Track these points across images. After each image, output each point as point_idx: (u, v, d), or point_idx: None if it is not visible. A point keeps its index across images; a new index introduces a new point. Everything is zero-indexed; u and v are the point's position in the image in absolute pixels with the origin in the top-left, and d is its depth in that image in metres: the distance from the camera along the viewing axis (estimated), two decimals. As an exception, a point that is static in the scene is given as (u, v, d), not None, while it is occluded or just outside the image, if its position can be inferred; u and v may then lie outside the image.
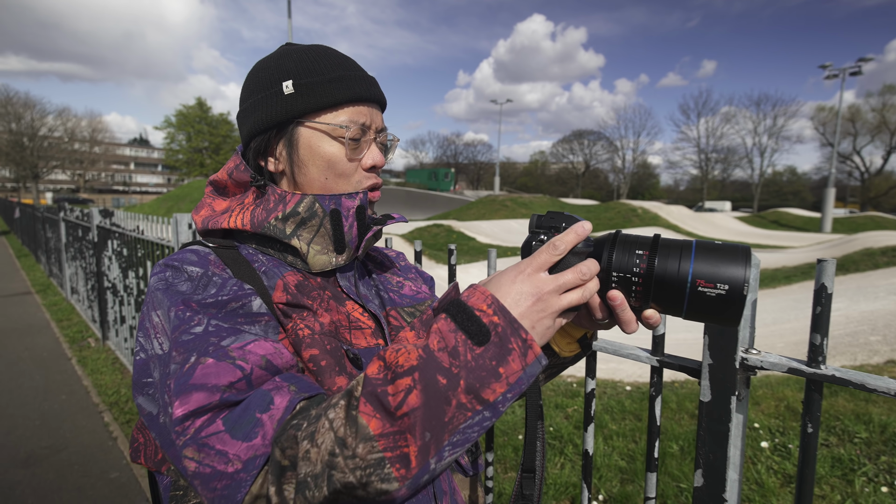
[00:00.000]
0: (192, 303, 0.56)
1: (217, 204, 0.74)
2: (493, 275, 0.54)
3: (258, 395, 0.49)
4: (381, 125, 0.74)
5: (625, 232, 0.61)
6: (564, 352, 0.73)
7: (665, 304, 0.54)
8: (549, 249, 0.52)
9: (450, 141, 78.46)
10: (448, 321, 0.49)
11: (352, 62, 0.73)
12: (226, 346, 0.52)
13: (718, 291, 0.49)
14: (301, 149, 0.69)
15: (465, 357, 0.46)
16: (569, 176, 70.12)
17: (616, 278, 0.55)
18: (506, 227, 19.31)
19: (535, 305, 0.50)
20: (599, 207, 26.74)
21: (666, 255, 0.53)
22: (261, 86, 0.70)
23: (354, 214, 0.70)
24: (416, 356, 0.47)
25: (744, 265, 0.49)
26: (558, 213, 0.64)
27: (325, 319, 0.64)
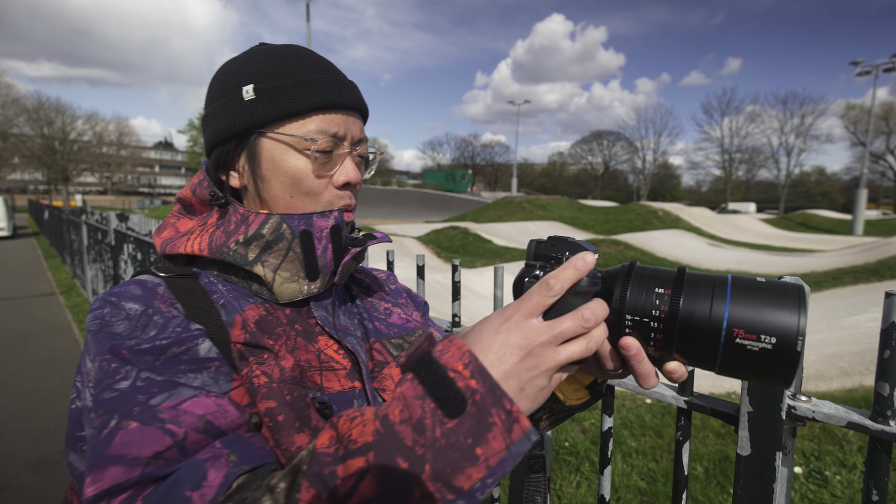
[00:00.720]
0: (123, 350, 0.47)
1: (182, 224, 0.66)
2: (477, 323, 0.44)
3: (190, 468, 0.41)
4: (358, 136, 0.64)
5: (642, 265, 0.50)
6: (570, 400, 0.62)
7: (693, 356, 0.43)
8: (541, 290, 0.42)
9: (467, 142, 78.49)
10: (415, 384, 0.39)
11: (326, 64, 0.64)
12: (155, 406, 0.43)
13: (763, 345, 0.39)
14: (264, 162, 0.60)
15: (434, 433, 0.37)
16: (588, 177, 69.35)
17: (630, 322, 0.45)
18: (522, 230, 19.10)
19: (525, 362, 0.40)
20: (619, 209, 26.27)
21: (694, 294, 0.43)
22: (222, 90, 0.61)
23: (329, 236, 0.60)
24: (373, 430, 0.38)
25: (797, 311, 0.39)
26: (561, 238, 0.53)
27: (287, 363, 0.55)
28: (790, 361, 0.39)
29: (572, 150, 72.26)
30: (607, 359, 0.48)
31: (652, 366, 0.46)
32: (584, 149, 69.63)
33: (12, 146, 41.45)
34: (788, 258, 14.33)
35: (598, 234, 19.15)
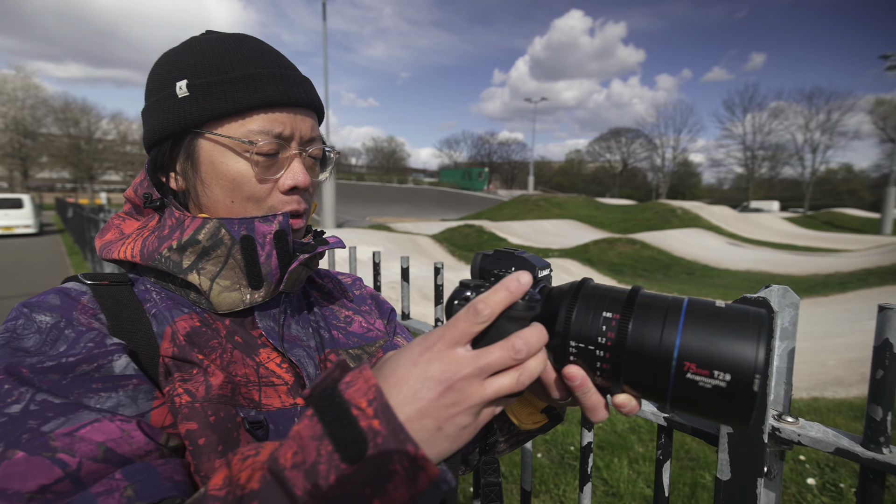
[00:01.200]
0: (23, 368, 0.43)
1: (127, 225, 0.62)
2: (397, 350, 0.39)
3: (81, 503, 0.37)
4: (308, 135, 0.60)
5: (594, 283, 0.45)
6: (525, 424, 0.57)
7: (642, 388, 0.39)
8: (468, 316, 0.37)
9: (484, 140, 78.27)
10: (313, 422, 0.34)
11: (271, 57, 0.59)
12: (47, 433, 0.40)
13: (716, 382, 0.34)
14: (202, 165, 0.56)
15: (327, 481, 0.32)
16: (605, 175, 68.44)
17: (575, 349, 0.40)
18: (538, 228, 18.91)
19: (444, 397, 0.35)
20: (637, 207, 25.85)
21: (644, 318, 0.38)
22: (157, 85, 0.57)
23: (272, 242, 0.56)
24: (260, 476, 0.33)
25: (755, 342, 0.34)
26: (507, 252, 0.49)
27: (216, 380, 0.51)
28: (746, 402, 0.34)
29: (590, 147, 71.49)
30: (552, 387, 0.43)
31: (600, 397, 0.42)
32: (603, 146, 68.78)
33: (40, 145, 42.69)
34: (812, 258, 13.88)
35: (615, 232, 18.86)
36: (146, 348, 0.51)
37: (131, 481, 0.39)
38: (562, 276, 9.55)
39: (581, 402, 0.42)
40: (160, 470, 0.42)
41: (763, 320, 0.35)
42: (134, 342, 0.51)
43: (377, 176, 56.31)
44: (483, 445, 0.61)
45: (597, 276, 10.21)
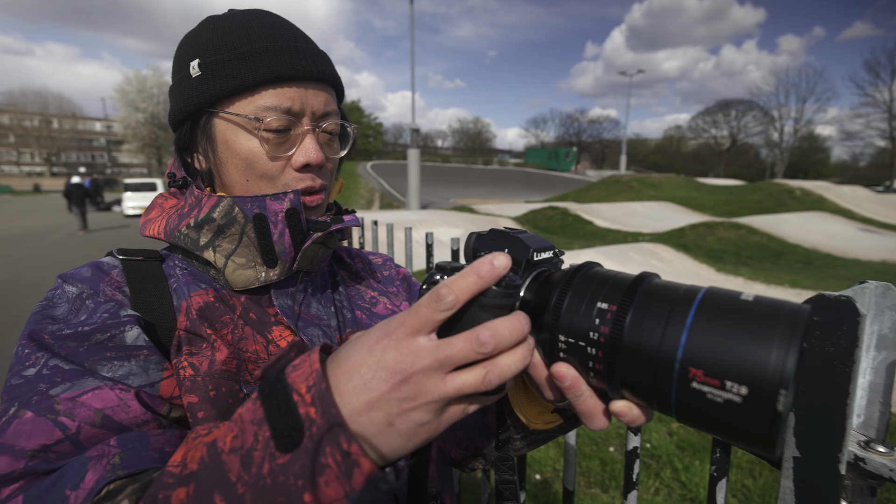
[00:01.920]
0: (45, 335, 0.47)
1: (168, 204, 0.65)
2: (358, 334, 0.36)
3: (75, 466, 0.40)
4: (321, 110, 0.58)
5: (597, 269, 0.38)
6: (535, 423, 0.52)
7: (643, 394, 0.33)
8: (430, 301, 0.33)
9: (573, 118, 74.93)
10: (255, 405, 0.33)
11: (281, 31, 0.57)
12: (53, 396, 0.43)
13: (729, 396, 0.28)
14: (218, 144, 0.57)
15: (261, 469, 0.31)
16: (709, 152, 62.19)
17: (565, 345, 0.35)
18: (628, 210, 17.76)
19: (397, 390, 0.32)
20: (745, 188, 23.18)
21: (646, 311, 0.33)
22: (177, 67, 0.59)
23: (284, 220, 0.56)
24: (199, 457, 0.33)
25: (783, 347, 0.27)
26: (502, 232, 0.43)
27: (220, 355, 0.52)
28: (768, 424, 0.27)
29: (692, 122, 65.20)
30: (545, 387, 0.39)
31: (596, 402, 0.36)
32: (707, 121, 62.37)
33: (172, 136, 48.49)
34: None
35: (716, 215, 17.13)
36: (164, 321, 0.53)
37: (122, 449, 0.41)
38: (651, 263, 8.91)
39: (575, 407, 0.37)
40: (153, 440, 0.43)
41: (799, 319, 0.28)
42: (152, 315, 0.53)
43: (462, 157, 56.53)
44: (496, 441, 0.57)
45: (693, 264, 9.38)
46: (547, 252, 0.43)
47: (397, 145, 68.83)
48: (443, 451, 0.68)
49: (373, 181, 25.53)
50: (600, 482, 2.50)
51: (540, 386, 0.39)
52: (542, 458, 2.71)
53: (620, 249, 9.30)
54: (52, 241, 11.72)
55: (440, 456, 0.66)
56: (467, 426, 0.65)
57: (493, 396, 0.36)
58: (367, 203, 22.19)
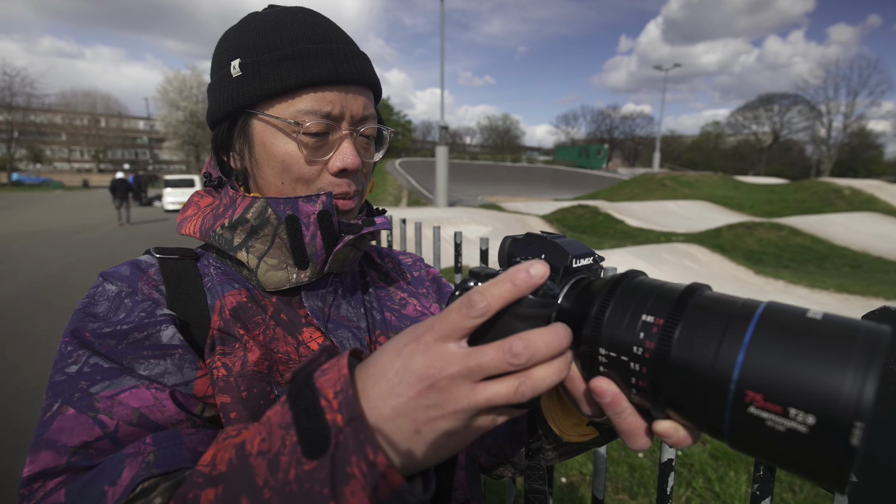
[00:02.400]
0: (86, 332, 0.48)
1: (204, 202, 0.65)
2: (391, 339, 0.35)
3: (113, 462, 0.41)
4: (360, 114, 0.57)
5: (642, 277, 0.36)
6: (569, 436, 0.50)
7: (692, 415, 0.31)
8: (461, 307, 0.31)
9: (605, 114, 73.31)
10: (284, 409, 0.32)
11: (323, 31, 0.57)
12: (94, 394, 0.44)
13: (793, 425, 0.26)
14: (256, 146, 0.57)
15: (287, 474, 0.30)
16: (749, 149, 59.75)
17: (605, 359, 0.34)
18: (661, 209, 17.25)
19: (424, 396, 0.31)
20: (788, 187, 22.15)
21: (697, 326, 0.30)
22: (216, 65, 0.59)
23: (316, 222, 0.56)
24: (228, 459, 0.33)
25: (861, 377, 0.24)
26: (539, 237, 0.41)
27: (253, 355, 0.52)
28: (839, 459, 0.24)
29: (732, 118, 62.73)
30: (582, 401, 0.37)
31: (638, 420, 0.35)
32: (748, 116, 59.89)
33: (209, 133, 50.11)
34: None
35: (755, 215, 16.45)
36: (198, 320, 0.54)
37: (156, 447, 0.42)
38: (685, 264, 8.63)
39: (615, 424, 0.36)
40: (186, 440, 0.44)
41: (879, 341, 0.25)
42: (187, 314, 0.54)
43: (490, 155, 56.22)
44: (527, 450, 0.56)
45: (730, 266, 9.03)
46: (587, 258, 0.41)
47: (426, 142, 69.01)
48: (472, 457, 0.67)
49: (401, 178, 25.71)
50: (628, 488, 2.44)
51: (577, 400, 0.38)
52: (570, 462, 2.66)
53: (653, 250, 9.05)
54: (99, 234, 12.33)
55: (469, 462, 0.66)
56: (497, 434, 0.64)
57: (524, 409, 0.34)
58: (395, 200, 22.36)
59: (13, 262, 8.08)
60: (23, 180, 43.00)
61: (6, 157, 45.80)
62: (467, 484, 0.63)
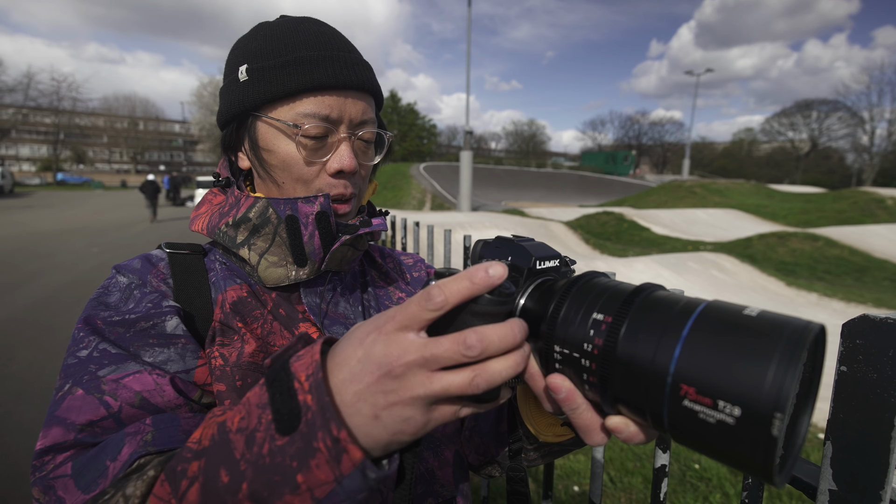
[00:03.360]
0: (98, 320, 0.52)
1: (217, 199, 0.68)
2: (355, 326, 0.38)
3: (115, 440, 0.44)
4: (358, 118, 0.60)
5: (599, 278, 0.37)
6: (545, 435, 0.51)
7: (637, 410, 0.32)
8: (420, 299, 0.33)
9: (633, 120, 72.13)
10: (262, 390, 0.35)
11: (326, 40, 0.60)
12: (101, 377, 0.48)
13: (721, 417, 0.27)
14: (260, 147, 0.60)
15: (261, 448, 0.33)
16: (785, 157, 57.76)
17: (559, 356, 0.35)
18: (689, 217, 16.84)
19: (382, 383, 0.33)
20: (825, 196, 21.30)
21: (641, 323, 0.31)
22: (227, 70, 0.63)
23: (314, 222, 0.59)
24: (210, 435, 0.36)
25: (783, 370, 0.25)
26: (507, 240, 0.43)
27: (249, 347, 0.55)
28: (763, 450, 0.25)
29: (766, 124, 60.75)
30: (544, 399, 0.38)
31: (594, 416, 0.35)
32: (784, 123, 57.90)
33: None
34: None
35: (789, 225, 15.88)
36: (202, 312, 0.57)
37: (155, 428, 0.45)
38: (712, 274, 8.41)
39: (572, 421, 0.36)
40: (183, 422, 0.47)
41: (800, 340, 0.26)
42: (192, 306, 0.57)
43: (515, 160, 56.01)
44: (508, 451, 0.57)
45: (760, 277, 8.75)
46: (551, 261, 0.43)
47: (451, 147, 69.28)
48: (460, 455, 0.68)
49: (425, 182, 25.88)
50: (643, 500, 2.39)
51: (539, 397, 0.39)
52: (582, 470, 2.63)
53: (678, 258, 8.85)
54: (133, 232, 12.84)
55: (457, 460, 0.67)
56: (483, 433, 0.66)
57: (488, 404, 0.36)
58: (419, 204, 22.50)
59: (56, 258, 8.50)
60: (66, 180, 45.23)
61: (52, 158, 48.20)
62: (454, 481, 0.65)
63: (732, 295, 7.47)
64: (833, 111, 53.55)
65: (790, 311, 6.70)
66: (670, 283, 7.54)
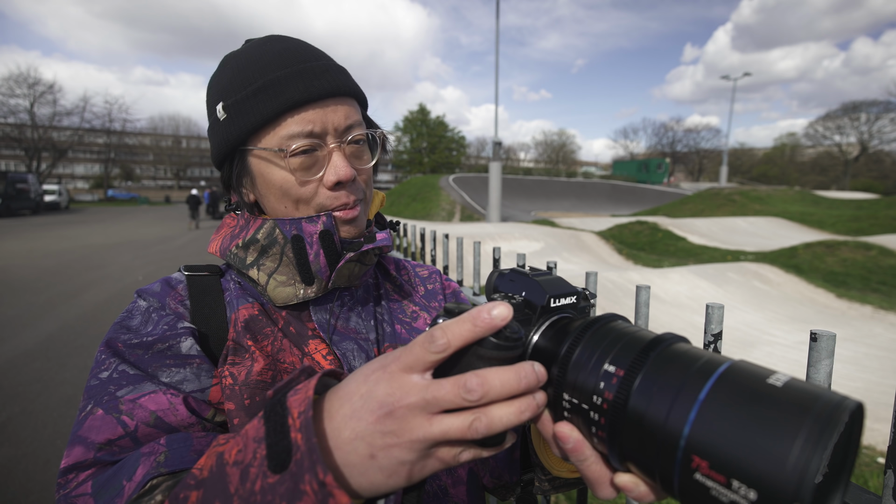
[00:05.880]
0: (119, 343, 0.54)
1: (234, 222, 0.69)
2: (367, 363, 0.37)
3: (132, 460, 0.45)
4: (342, 125, 0.59)
5: (618, 322, 0.35)
6: (559, 471, 0.50)
7: (648, 472, 0.30)
8: (424, 341, 0.33)
9: (667, 127, 70.35)
10: (259, 424, 0.35)
11: (293, 55, 0.59)
12: (119, 397, 0.49)
13: (734, 497, 0.24)
14: (257, 178, 0.61)
15: (254, 485, 0.33)
16: (832, 162, 54.96)
17: (569, 405, 0.34)
18: (728, 226, 16.21)
19: (382, 423, 0.32)
20: (878, 203, 20.08)
21: (655, 380, 0.29)
22: (208, 111, 0.63)
23: (318, 241, 0.59)
24: (209, 466, 0.36)
25: (807, 454, 0.22)
26: (522, 274, 0.41)
27: (257, 366, 0.56)
28: None
29: (810, 129, 58.04)
30: (552, 444, 0.37)
31: (602, 470, 0.34)
32: (830, 126, 55.19)
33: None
34: None
35: (839, 233, 15.04)
36: (217, 332, 0.58)
37: (168, 448, 0.46)
38: (754, 285, 8.04)
39: (580, 471, 0.35)
40: (195, 442, 0.48)
41: (831, 420, 0.23)
42: (208, 326, 0.59)
43: (544, 170, 55.56)
44: (520, 481, 0.57)
45: (806, 288, 8.30)
46: (568, 298, 0.41)
47: (480, 158, 69.45)
48: (474, 474, 0.68)
49: (454, 194, 25.99)
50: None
51: (548, 442, 0.37)
52: (617, 490, 2.54)
53: (717, 269, 8.51)
54: (176, 245, 13.43)
55: (471, 479, 0.66)
56: (498, 457, 0.64)
57: (492, 448, 0.34)
58: (448, 216, 22.59)
59: (106, 269, 8.98)
60: (116, 196, 47.94)
61: (104, 175, 51.19)
62: (468, 500, 0.64)
63: (777, 307, 7.11)
64: (884, 112, 50.69)
65: (842, 324, 6.31)
66: (709, 295, 7.25)
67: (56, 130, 40.41)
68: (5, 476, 2.67)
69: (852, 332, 5.82)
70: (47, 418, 3.31)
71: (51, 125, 38.72)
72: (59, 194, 29.30)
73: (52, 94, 38.58)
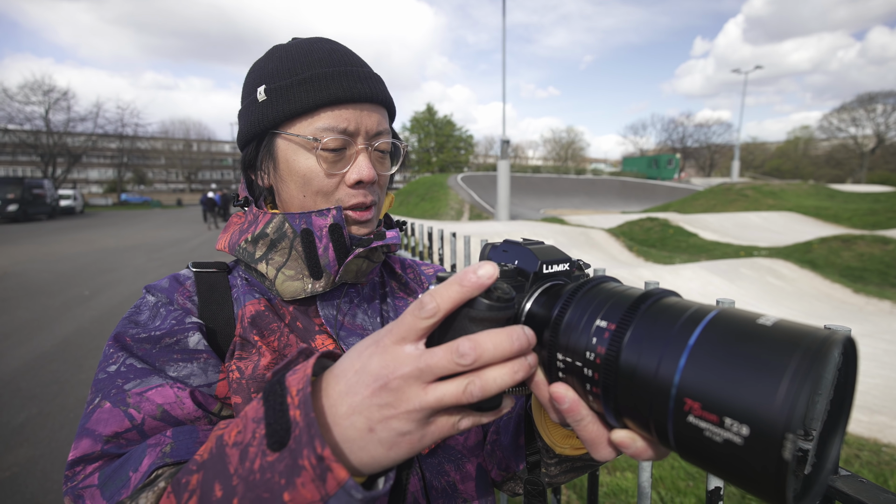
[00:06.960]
0: (127, 337, 0.54)
1: (240, 220, 0.70)
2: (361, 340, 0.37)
3: (138, 452, 0.46)
4: (374, 129, 0.61)
5: (608, 283, 0.35)
6: (562, 448, 0.49)
7: (643, 424, 0.30)
8: (414, 309, 0.32)
9: (677, 122, 69.62)
10: (259, 404, 0.35)
11: (340, 56, 0.62)
12: (127, 391, 0.50)
13: (728, 435, 0.25)
14: (280, 163, 0.62)
15: (253, 464, 0.33)
16: (847, 155, 53.98)
17: (562, 365, 0.34)
18: (741, 222, 15.98)
19: (378, 396, 0.32)
20: (895, 195, 19.70)
21: (646, 332, 0.30)
22: (245, 92, 0.65)
23: (328, 235, 0.60)
24: (209, 448, 0.36)
25: (795, 386, 0.23)
26: (514, 243, 0.41)
27: (264, 360, 0.56)
28: (773, 473, 0.23)
29: (824, 121, 57.02)
30: (550, 409, 0.37)
31: (600, 429, 0.34)
32: (845, 119, 54.18)
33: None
34: None
35: (855, 227, 14.75)
36: (225, 327, 0.59)
37: (174, 440, 0.46)
38: (767, 281, 7.92)
39: (577, 433, 0.35)
40: (201, 434, 0.49)
41: (820, 353, 0.23)
42: (215, 322, 0.59)
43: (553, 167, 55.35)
44: (526, 463, 0.56)
45: (822, 283, 8.15)
46: (560, 265, 0.40)
47: (488, 157, 69.34)
48: (483, 469, 0.67)
49: (463, 193, 25.98)
50: (697, 524, 2.26)
51: (545, 407, 0.37)
52: (630, 488, 2.52)
53: (730, 265, 8.39)
54: (188, 247, 13.59)
55: (479, 474, 0.66)
56: (504, 447, 0.64)
57: (489, 414, 0.34)
58: (457, 215, 22.59)
59: (119, 272, 9.12)
60: (129, 199, 48.70)
61: (117, 180, 52.01)
62: (477, 495, 0.64)
63: (793, 303, 6.99)
64: (901, 103, 49.62)
65: (860, 320, 6.19)
66: (721, 291, 7.16)
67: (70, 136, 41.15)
68: (24, 476, 2.72)
69: (870, 328, 5.70)
70: (64, 419, 3.36)
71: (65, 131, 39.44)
72: (74, 199, 29.91)
73: (66, 100, 39.32)
